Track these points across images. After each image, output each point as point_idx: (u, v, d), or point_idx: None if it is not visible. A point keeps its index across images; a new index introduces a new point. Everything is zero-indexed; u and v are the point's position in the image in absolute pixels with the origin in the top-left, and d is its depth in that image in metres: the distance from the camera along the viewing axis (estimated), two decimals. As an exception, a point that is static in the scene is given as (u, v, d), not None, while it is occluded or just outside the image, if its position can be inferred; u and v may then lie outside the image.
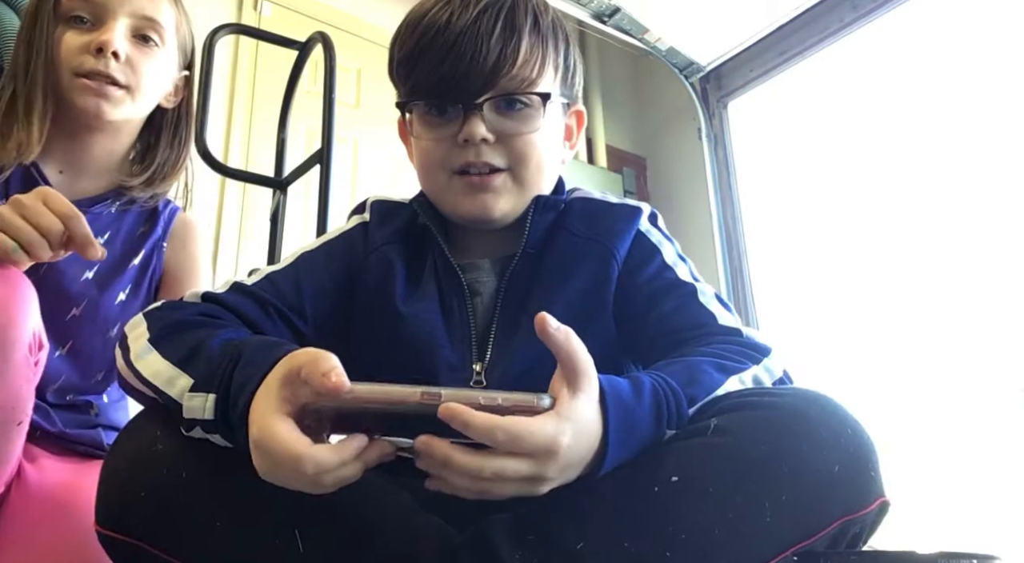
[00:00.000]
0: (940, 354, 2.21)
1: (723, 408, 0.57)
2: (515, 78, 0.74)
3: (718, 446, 0.53)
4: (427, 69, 0.74)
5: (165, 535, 0.55)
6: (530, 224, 0.78)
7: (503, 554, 0.52)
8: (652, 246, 0.79)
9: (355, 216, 0.87)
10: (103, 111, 0.97)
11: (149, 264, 1.04)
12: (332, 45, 1.44)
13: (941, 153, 2.35)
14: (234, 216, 2.23)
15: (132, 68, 0.98)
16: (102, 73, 0.95)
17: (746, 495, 0.52)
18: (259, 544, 0.55)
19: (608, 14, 2.73)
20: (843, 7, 2.61)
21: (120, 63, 0.96)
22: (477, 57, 0.72)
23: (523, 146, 0.76)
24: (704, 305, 0.74)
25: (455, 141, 0.74)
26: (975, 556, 0.54)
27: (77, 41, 0.96)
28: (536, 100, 0.75)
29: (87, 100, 0.96)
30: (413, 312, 0.75)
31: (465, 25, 0.72)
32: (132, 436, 0.59)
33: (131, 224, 1.05)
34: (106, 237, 1.01)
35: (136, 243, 1.04)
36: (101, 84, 0.96)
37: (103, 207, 1.02)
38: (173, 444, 0.56)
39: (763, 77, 2.92)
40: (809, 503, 0.52)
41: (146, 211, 1.07)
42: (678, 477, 0.52)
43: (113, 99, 0.97)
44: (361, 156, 2.51)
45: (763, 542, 0.52)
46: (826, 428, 0.54)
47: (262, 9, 2.46)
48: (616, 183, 3.17)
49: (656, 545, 0.51)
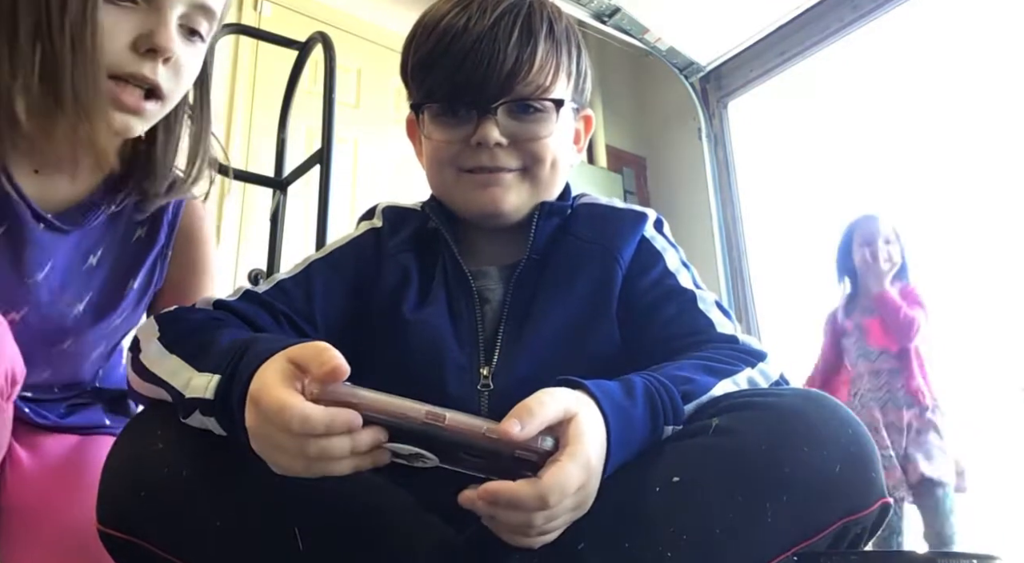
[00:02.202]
0: (940, 354, 2.21)
1: (724, 408, 0.57)
2: (530, 84, 0.74)
3: (720, 446, 0.53)
4: (444, 73, 0.74)
5: (165, 534, 0.55)
6: (535, 230, 0.78)
7: (502, 554, 0.52)
8: (655, 252, 0.79)
9: (365, 222, 0.87)
10: (131, 129, 0.75)
11: (150, 282, 0.88)
12: (332, 45, 1.44)
13: (941, 152, 2.35)
14: (234, 216, 2.23)
15: (175, 73, 0.75)
16: (147, 80, 0.73)
17: (747, 495, 0.51)
18: (259, 543, 0.55)
19: (608, 14, 2.73)
20: (843, 7, 2.61)
21: (167, 67, 0.74)
22: (494, 63, 0.72)
23: (536, 150, 0.76)
24: (703, 312, 0.74)
25: (467, 143, 0.75)
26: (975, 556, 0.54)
27: (124, 25, 0.71)
28: (550, 106, 0.76)
29: (114, 117, 0.73)
30: (423, 316, 0.75)
31: (483, 31, 0.73)
32: (132, 436, 0.59)
33: (125, 229, 0.85)
34: (99, 254, 0.83)
35: (134, 256, 0.86)
36: (139, 99, 0.73)
37: (94, 215, 0.81)
38: (173, 443, 0.56)
39: (763, 77, 2.92)
40: (810, 503, 0.52)
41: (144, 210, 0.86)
42: (679, 478, 0.52)
43: (147, 115, 0.75)
44: (361, 156, 2.51)
45: (764, 542, 0.52)
46: (827, 428, 0.54)
47: (262, 9, 2.46)
48: (616, 183, 3.16)
49: (657, 545, 0.51)
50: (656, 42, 2.86)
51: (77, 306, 0.81)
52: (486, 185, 0.76)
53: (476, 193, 0.76)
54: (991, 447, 2.04)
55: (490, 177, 0.76)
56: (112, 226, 0.84)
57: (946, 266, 2.27)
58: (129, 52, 0.71)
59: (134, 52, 0.71)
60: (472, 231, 0.82)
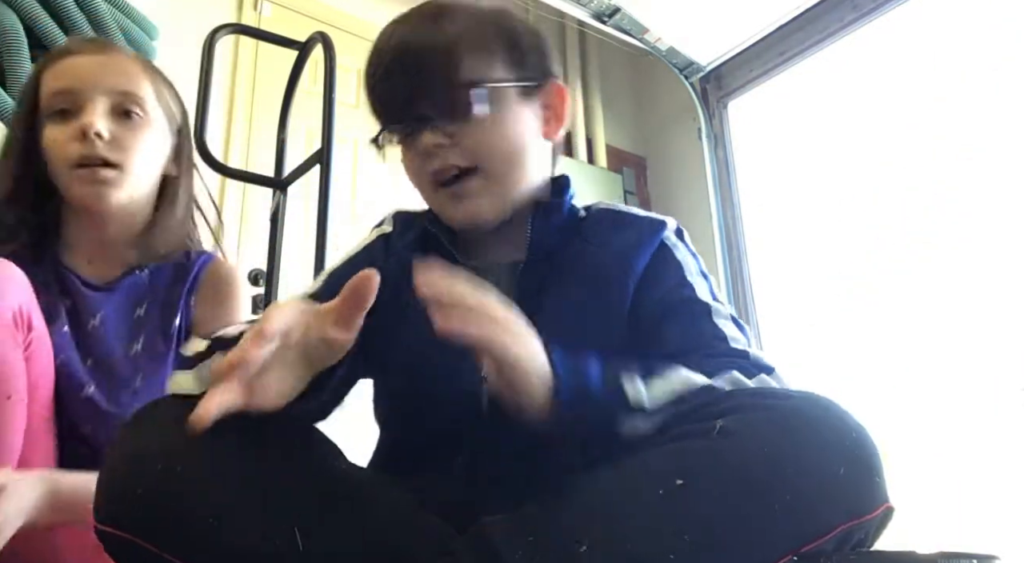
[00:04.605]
0: (940, 354, 2.21)
1: (729, 409, 0.57)
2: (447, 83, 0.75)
3: (723, 449, 0.54)
4: (376, 101, 0.82)
5: (160, 531, 0.55)
6: (531, 229, 0.79)
7: (503, 554, 0.52)
8: (675, 261, 0.79)
9: (376, 229, 0.89)
10: (103, 197, 0.97)
11: (182, 325, 1.05)
12: (332, 45, 1.44)
13: (941, 152, 2.35)
14: (234, 216, 2.23)
15: (119, 145, 0.97)
16: (92, 157, 0.95)
17: (750, 498, 0.52)
18: (257, 540, 0.55)
19: (608, 14, 2.73)
20: (843, 7, 2.61)
21: (106, 142, 0.96)
22: (408, 75, 0.76)
23: (478, 141, 0.76)
24: (718, 325, 0.73)
25: (419, 153, 0.78)
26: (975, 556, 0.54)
27: (62, 133, 0.96)
28: (473, 96, 0.75)
29: (85, 190, 0.96)
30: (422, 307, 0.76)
31: (396, 53, 0.77)
32: (130, 434, 0.60)
33: (167, 281, 1.06)
34: (144, 307, 1.03)
35: (172, 304, 1.05)
36: (94, 170, 0.95)
37: (135, 278, 1.04)
38: (169, 441, 0.57)
39: (763, 77, 2.92)
40: (812, 506, 0.52)
41: (179, 264, 1.07)
42: (683, 481, 0.52)
43: (109, 182, 0.97)
44: (361, 156, 2.51)
45: (766, 544, 0.52)
46: (830, 431, 0.55)
47: (262, 9, 2.46)
48: (616, 183, 3.16)
49: (659, 547, 0.51)
50: (656, 42, 2.86)
51: (135, 346, 1.00)
52: (459, 199, 0.78)
53: (451, 206, 0.79)
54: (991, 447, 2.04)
55: (458, 190, 0.77)
56: (152, 284, 1.05)
57: (946, 266, 2.27)
58: (73, 143, 0.95)
59: (75, 141, 0.95)
60: (470, 232, 0.83)
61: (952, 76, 2.35)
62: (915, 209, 2.38)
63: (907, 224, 2.40)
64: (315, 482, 0.53)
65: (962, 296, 2.21)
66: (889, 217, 2.45)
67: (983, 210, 2.22)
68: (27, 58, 1.41)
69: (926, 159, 2.38)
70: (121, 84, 0.99)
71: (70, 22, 1.47)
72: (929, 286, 2.29)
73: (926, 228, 2.34)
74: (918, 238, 2.36)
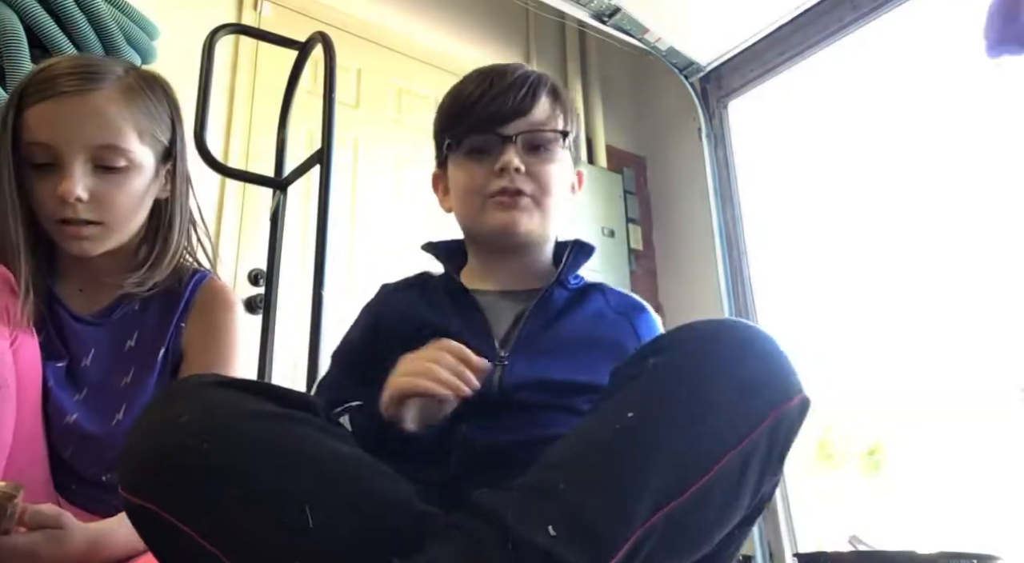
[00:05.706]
0: (940, 354, 2.21)
1: (654, 350, 0.67)
2: (538, 122, 0.95)
3: (658, 379, 0.64)
4: (471, 117, 0.95)
5: (180, 503, 0.59)
6: (568, 257, 0.97)
7: (499, 511, 0.57)
8: None
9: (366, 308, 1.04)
10: (87, 251, 0.97)
11: (170, 350, 1.02)
12: (332, 45, 1.44)
13: (941, 152, 2.35)
14: (234, 216, 2.23)
15: (100, 203, 0.95)
16: (73, 219, 0.94)
17: (689, 406, 0.61)
18: (270, 519, 0.58)
19: (608, 14, 2.73)
20: (843, 7, 2.62)
21: (87, 203, 0.94)
22: (511, 103, 0.94)
23: (545, 179, 0.94)
24: None
25: (492, 171, 0.93)
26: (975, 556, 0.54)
27: (45, 188, 0.94)
28: (555, 139, 0.96)
29: (69, 244, 0.96)
30: (432, 319, 0.91)
31: (502, 86, 0.95)
32: (157, 408, 0.64)
33: (157, 309, 1.04)
34: (134, 338, 1.01)
35: (162, 329, 1.03)
36: (78, 228, 0.95)
37: (127, 308, 1.03)
38: (199, 417, 0.61)
39: (763, 77, 2.92)
40: (741, 402, 0.62)
41: (170, 289, 1.05)
42: (632, 413, 0.62)
43: (93, 238, 0.96)
44: (361, 156, 2.51)
45: (712, 443, 0.61)
46: (743, 339, 0.66)
47: (262, 9, 2.46)
48: (616, 183, 3.16)
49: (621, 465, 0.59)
50: (656, 42, 2.86)
51: (125, 379, 0.99)
52: (508, 207, 0.93)
53: (498, 214, 0.93)
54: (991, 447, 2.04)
55: (510, 200, 0.93)
56: (142, 313, 1.04)
57: (946, 265, 2.27)
58: (56, 202, 0.93)
59: (58, 202, 0.93)
60: (479, 265, 1.00)
61: (952, 76, 2.35)
62: (915, 209, 2.38)
63: (907, 223, 2.40)
64: (326, 464, 0.60)
65: (962, 296, 2.21)
66: (889, 216, 2.45)
67: (983, 210, 2.22)
68: (27, 58, 1.40)
69: (926, 159, 2.38)
70: (101, 137, 0.94)
71: (70, 22, 1.47)
72: (929, 286, 2.29)
73: (926, 228, 2.34)
74: (918, 238, 2.36)
